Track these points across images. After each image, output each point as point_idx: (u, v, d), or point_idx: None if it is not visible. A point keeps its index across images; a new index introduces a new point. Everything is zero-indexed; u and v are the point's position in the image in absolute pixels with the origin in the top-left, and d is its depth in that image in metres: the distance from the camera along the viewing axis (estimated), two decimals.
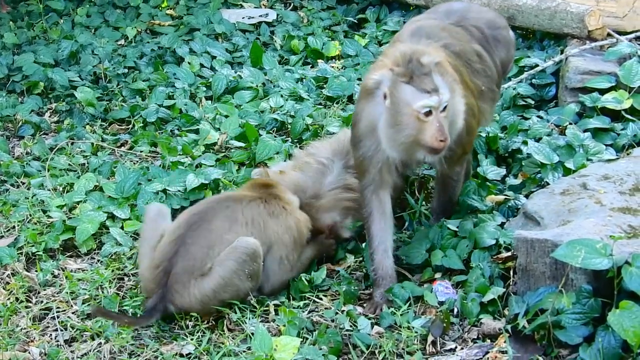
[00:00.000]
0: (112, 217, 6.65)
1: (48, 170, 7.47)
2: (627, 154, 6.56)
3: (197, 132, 8.01)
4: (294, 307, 5.56)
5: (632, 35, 8.57)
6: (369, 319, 5.43)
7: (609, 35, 8.56)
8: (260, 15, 11.13)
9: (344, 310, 5.51)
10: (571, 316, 4.72)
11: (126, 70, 9.75)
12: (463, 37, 6.04)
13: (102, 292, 5.83)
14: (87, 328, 5.45)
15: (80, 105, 8.90)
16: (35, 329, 5.47)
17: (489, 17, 6.42)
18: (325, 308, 5.59)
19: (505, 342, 4.90)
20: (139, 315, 5.53)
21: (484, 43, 6.15)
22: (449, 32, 5.98)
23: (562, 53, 8.44)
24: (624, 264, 4.53)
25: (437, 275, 5.78)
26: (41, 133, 8.57)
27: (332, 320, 5.46)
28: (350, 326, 5.37)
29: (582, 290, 4.73)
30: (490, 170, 6.79)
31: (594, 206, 5.30)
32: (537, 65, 8.37)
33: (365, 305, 5.70)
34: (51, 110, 9.11)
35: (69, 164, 7.68)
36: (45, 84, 9.38)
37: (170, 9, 11.55)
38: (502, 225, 5.91)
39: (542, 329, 4.82)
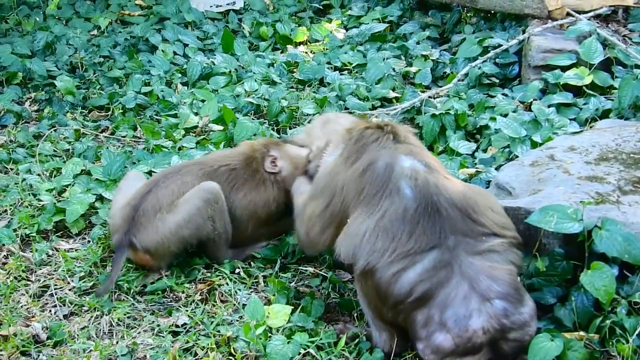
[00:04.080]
0: (100, 198, 6.81)
1: (35, 157, 7.61)
2: (590, 127, 6.86)
3: (175, 116, 8.22)
4: (282, 278, 5.81)
5: (591, 14, 8.86)
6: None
7: (568, 14, 8.83)
8: (228, 4, 11.30)
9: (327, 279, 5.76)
10: (545, 278, 4.98)
11: (102, 60, 9.88)
12: None
13: (97, 269, 6.03)
14: (84, 303, 5.65)
15: (59, 94, 9.01)
16: (35, 305, 5.64)
17: None
18: (312, 277, 5.86)
19: None
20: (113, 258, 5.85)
21: None
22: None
23: (524, 33, 8.73)
24: (594, 227, 4.79)
25: None
26: (23, 121, 8.67)
27: (319, 289, 5.72)
28: (336, 293, 5.66)
29: (555, 253, 4.99)
30: (461, 145, 7.09)
31: (562, 175, 5.54)
32: (500, 45, 8.64)
33: None
34: (31, 100, 9.20)
35: (54, 150, 7.82)
36: (24, 74, 9.48)
37: None
38: None
39: None
